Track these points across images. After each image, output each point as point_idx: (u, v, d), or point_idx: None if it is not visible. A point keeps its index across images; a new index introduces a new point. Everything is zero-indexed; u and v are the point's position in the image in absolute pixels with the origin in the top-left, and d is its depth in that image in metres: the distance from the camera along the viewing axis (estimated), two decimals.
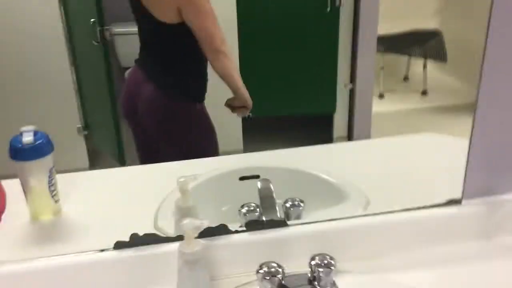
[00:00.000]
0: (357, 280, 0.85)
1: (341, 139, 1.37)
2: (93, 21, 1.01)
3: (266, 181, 0.87)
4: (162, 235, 0.89)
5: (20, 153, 0.90)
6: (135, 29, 1.25)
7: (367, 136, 1.36)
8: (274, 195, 0.86)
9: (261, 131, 1.30)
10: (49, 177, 0.93)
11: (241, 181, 0.92)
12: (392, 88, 1.48)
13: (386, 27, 1.33)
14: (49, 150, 0.93)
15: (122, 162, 1.12)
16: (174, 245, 0.85)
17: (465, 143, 0.96)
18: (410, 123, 1.35)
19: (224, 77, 1.10)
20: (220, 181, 0.95)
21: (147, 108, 1.12)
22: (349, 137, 1.36)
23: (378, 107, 1.44)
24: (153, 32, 1.08)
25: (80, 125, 1.10)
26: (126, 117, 1.15)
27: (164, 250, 0.89)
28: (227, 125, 1.20)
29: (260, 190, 0.87)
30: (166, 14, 1.03)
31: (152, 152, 1.19)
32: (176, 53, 1.10)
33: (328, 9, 1.18)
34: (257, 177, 0.93)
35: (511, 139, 0.98)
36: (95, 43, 1.01)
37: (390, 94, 1.46)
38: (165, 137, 1.18)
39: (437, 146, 0.94)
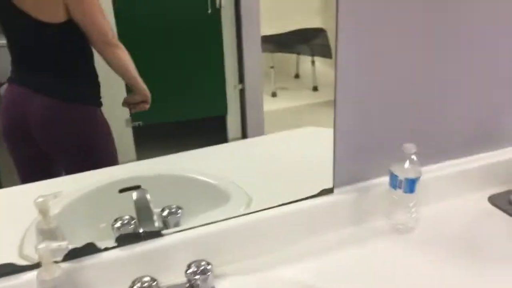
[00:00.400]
0: (237, 282, 0.85)
1: (235, 140, 1.37)
2: None
3: (141, 191, 0.83)
4: (23, 263, 0.82)
5: None
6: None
7: (261, 134, 1.38)
8: (151, 205, 0.82)
9: (154, 139, 1.27)
10: None
11: (121, 194, 0.86)
12: (284, 86, 1.51)
13: (273, 27, 1.35)
14: None
15: None
16: (34, 273, 0.79)
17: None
18: (303, 119, 1.38)
19: (120, 70, 1.05)
20: (97, 195, 0.89)
21: (41, 122, 1.05)
22: (244, 137, 1.36)
23: (271, 105, 1.46)
24: (33, 36, 1.00)
25: None
26: (9, 139, 1.06)
27: (24, 279, 0.82)
28: (117, 135, 1.16)
29: (135, 201, 0.83)
30: (49, 12, 0.95)
31: (42, 172, 1.10)
32: (62, 55, 1.03)
33: (209, 11, 1.17)
34: (138, 187, 0.89)
35: (370, 127, 1.03)
36: None
37: (282, 92, 1.49)
38: (62, 149, 1.11)
39: (317, 139, 0.97)
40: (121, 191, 0.86)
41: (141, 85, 1.07)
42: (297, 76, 1.50)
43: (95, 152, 1.12)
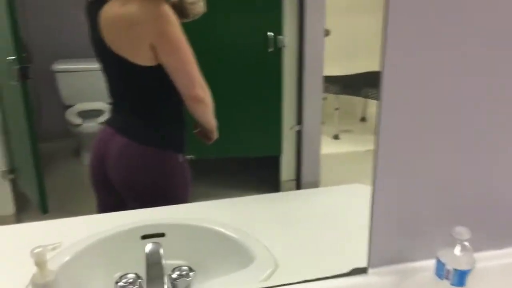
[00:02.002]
0: None
1: (289, 182, 1.32)
2: (11, 59, 0.96)
3: (155, 244, 0.73)
4: None
5: None
6: (77, 66, 1.21)
7: (316, 178, 1.31)
8: (163, 261, 0.72)
9: (207, 174, 1.25)
10: None
11: (144, 240, 0.79)
12: (348, 129, 1.44)
13: (340, 68, 1.29)
14: None
15: (44, 210, 1.05)
16: None
17: None
18: (363, 165, 1.30)
19: (201, 122, 1.05)
20: (118, 240, 0.83)
21: (113, 160, 1.03)
22: (298, 179, 1.31)
23: (332, 148, 1.40)
24: (126, 78, 1.00)
25: (4, 169, 1.05)
26: (92, 174, 1.06)
27: None
28: None
29: (147, 256, 0.73)
30: (140, 54, 0.94)
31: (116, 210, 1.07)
32: (147, 98, 1.01)
33: (271, 49, 1.15)
34: (162, 235, 0.81)
35: (417, 201, 0.88)
36: (14, 83, 0.96)
37: (345, 134, 1.42)
38: (131, 191, 1.06)
39: (363, 200, 0.86)
40: (144, 237, 0.80)
41: (215, 133, 1.06)
42: (363, 119, 1.43)
43: (164, 198, 1.06)
